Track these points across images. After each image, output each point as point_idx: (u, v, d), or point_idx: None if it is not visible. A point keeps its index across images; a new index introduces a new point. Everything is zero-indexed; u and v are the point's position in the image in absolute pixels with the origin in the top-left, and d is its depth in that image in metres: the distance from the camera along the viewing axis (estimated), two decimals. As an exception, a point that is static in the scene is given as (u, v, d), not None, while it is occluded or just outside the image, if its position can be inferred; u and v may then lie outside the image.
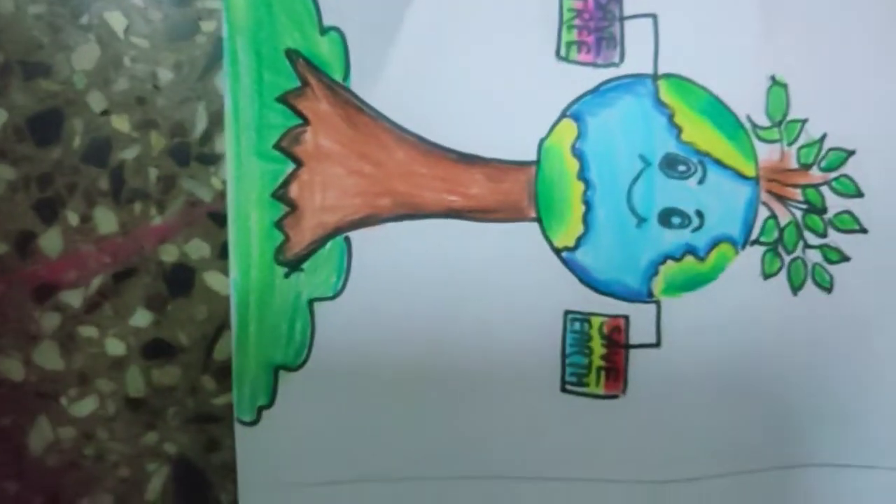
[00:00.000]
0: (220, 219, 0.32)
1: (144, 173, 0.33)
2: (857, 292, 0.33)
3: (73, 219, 0.32)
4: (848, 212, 0.32)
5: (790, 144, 0.32)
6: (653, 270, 0.32)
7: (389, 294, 0.32)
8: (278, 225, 0.32)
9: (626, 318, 0.33)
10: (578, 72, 0.32)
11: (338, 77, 0.32)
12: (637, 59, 0.33)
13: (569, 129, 0.32)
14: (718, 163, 0.32)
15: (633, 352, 0.33)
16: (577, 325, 0.32)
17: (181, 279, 0.33)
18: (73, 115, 0.32)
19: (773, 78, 0.32)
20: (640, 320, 0.33)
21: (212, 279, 0.33)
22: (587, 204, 0.32)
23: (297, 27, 0.32)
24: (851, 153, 0.32)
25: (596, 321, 0.32)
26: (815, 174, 0.33)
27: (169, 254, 0.33)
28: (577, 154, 0.32)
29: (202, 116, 0.33)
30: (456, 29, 0.32)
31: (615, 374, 0.32)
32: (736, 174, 0.32)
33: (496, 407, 0.33)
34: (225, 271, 0.32)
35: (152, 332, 0.33)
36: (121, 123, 0.32)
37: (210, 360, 0.33)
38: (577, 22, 0.32)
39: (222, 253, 0.32)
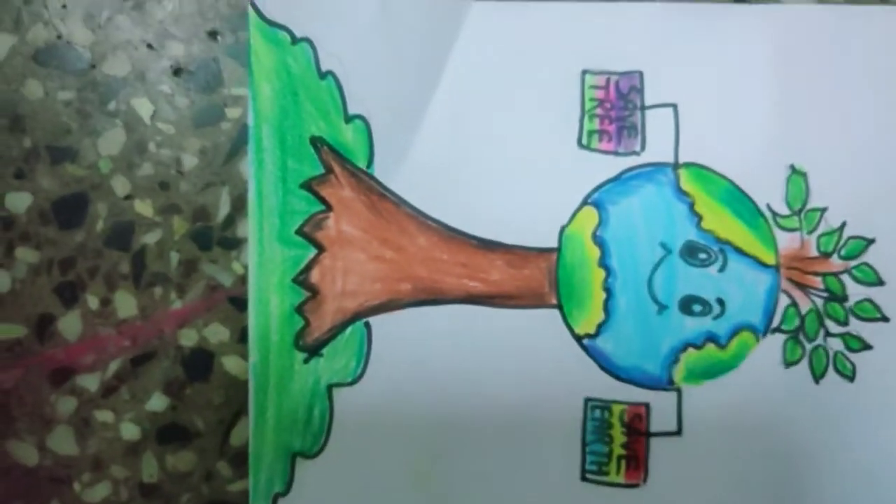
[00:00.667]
0: (240, 303, 0.32)
1: (166, 257, 0.33)
2: (879, 381, 0.32)
3: (93, 302, 0.32)
4: (869, 300, 0.32)
5: (810, 233, 0.32)
6: (674, 358, 0.32)
7: (409, 380, 0.32)
8: (299, 310, 0.32)
9: (647, 405, 0.32)
10: (600, 160, 0.33)
11: (361, 164, 0.32)
12: (658, 148, 0.33)
13: (590, 216, 0.32)
14: (739, 251, 0.32)
15: (654, 440, 0.32)
16: (597, 413, 0.32)
17: (200, 363, 0.32)
18: (97, 200, 0.33)
19: (792, 167, 0.33)
20: (661, 408, 0.32)
21: (230, 363, 0.33)
22: (608, 291, 0.32)
23: (323, 115, 0.32)
24: (871, 241, 0.32)
25: (617, 409, 0.32)
26: (836, 262, 0.32)
27: (188, 338, 0.33)
28: (599, 241, 0.32)
29: (225, 201, 0.33)
30: (478, 117, 0.33)
31: (636, 462, 0.32)
32: (756, 262, 0.32)
33: (516, 495, 0.32)
34: (244, 356, 0.32)
35: (169, 417, 0.32)
36: (144, 208, 0.33)
37: (227, 445, 0.33)
38: (598, 111, 0.33)
39: (242, 337, 0.32)
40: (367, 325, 0.32)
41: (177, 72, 0.33)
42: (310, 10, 0.32)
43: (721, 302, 0.32)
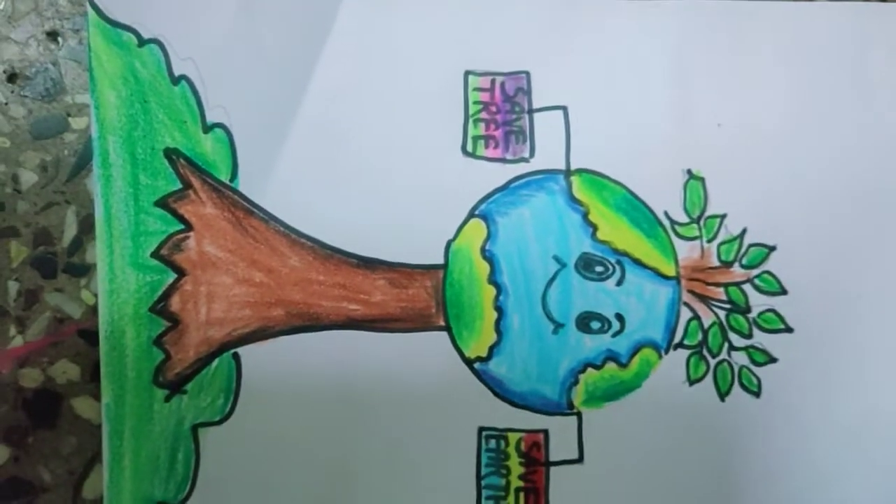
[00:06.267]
0: (91, 337, 0.29)
1: (3, 287, 0.29)
2: (785, 395, 0.31)
3: (-84, 342, 0.28)
4: (772, 310, 0.31)
5: (710, 241, 0.31)
6: (572, 379, 0.30)
7: (284, 416, 0.29)
8: (158, 342, 0.29)
9: (546, 432, 0.30)
10: (487, 168, 0.31)
11: (224, 177, 0.30)
12: (548, 154, 0.31)
13: (478, 229, 0.30)
14: (637, 262, 0.31)
15: (554, 469, 0.30)
16: (492, 443, 0.30)
17: (45, 407, 0.29)
18: (-83, 225, 0.29)
19: (689, 171, 0.31)
20: (561, 434, 0.30)
21: (82, 406, 0.29)
22: (500, 310, 0.30)
23: (178, 125, 0.29)
24: (773, 248, 0.31)
25: (513, 438, 0.30)
26: (737, 271, 0.31)
27: (31, 378, 0.29)
28: (488, 256, 0.30)
29: (71, 223, 0.29)
30: (353, 125, 0.30)
31: (535, 495, 0.30)
32: (656, 274, 0.30)
33: (407, 535, 0.29)
34: (97, 396, 0.29)
35: (10, 470, 0.29)
36: (-25, 232, 0.29)
37: (79, 499, 0.29)
38: (483, 115, 0.31)
39: (94, 376, 0.29)
40: (236, 356, 0.29)
41: (11, 77, 0.30)
42: (158, 9, 0.29)
43: (620, 318, 0.30)
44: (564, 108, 0.31)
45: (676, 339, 0.30)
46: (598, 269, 0.30)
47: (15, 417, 0.29)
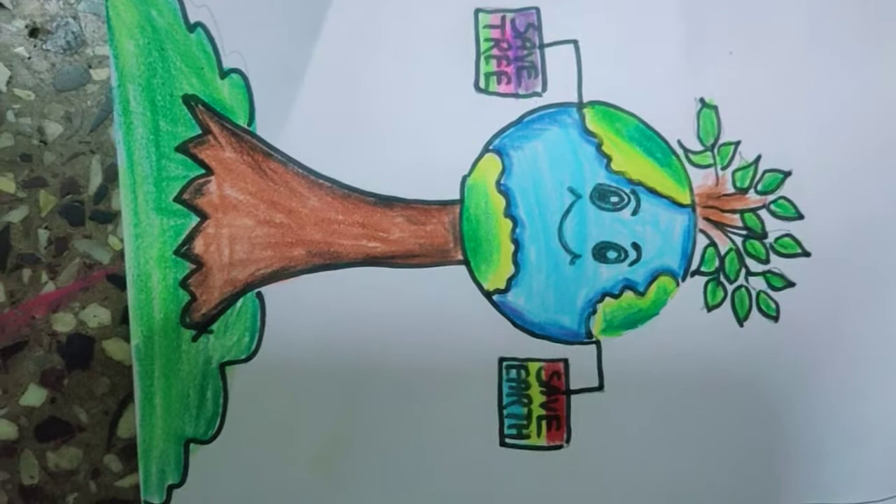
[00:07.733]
0: (120, 282, 0.30)
1: (34, 236, 0.30)
2: (804, 319, 0.31)
3: (-47, 290, 0.29)
4: (789, 235, 0.31)
5: (724, 168, 0.31)
6: (591, 309, 0.30)
7: (308, 352, 0.30)
8: (183, 284, 0.30)
9: (566, 361, 0.30)
10: (500, 104, 0.31)
11: (242, 122, 0.30)
12: (560, 88, 0.31)
13: (493, 164, 0.30)
14: (652, 191, 0.31)
15: (574, 397, 0.30)
16: (513, 373, 0.30)
17: (78, 350, 0.30)
18: (-50, 177, 0.29)
19: (702, 100, 0.31)
20: (581, 363, 0.31)
21: (113, 348, 0.30)
22: (516, 242, 0.30)
23: (195, 72, 0.30)
24: (788, 174, 0.31)
25: (533, 367, 0.30)
26: (753, 198, 0.31)
27: (64, 323, 0.30)
28: (503, 190, 0.30)
29: (97, 171, 0.30)
30: (367, 65, 0.31)
31: (557, 422, 0.30)
32: (671, 202, 0.31)
33: (431, 467, 0.30)
34: (127, 338, 0.29)
35: (48, 411, 0.30)
36: (5, 184, 0.30)
37: (114, 437, 0.30)
38: (495, 52, 0.31)
39: (124, 319, 0.30)
40: (260, 295, 0.30)
41: (33, 32, 0.30)
42: (172, -44, 0.29)
43: (637, 247, 0.30)
44: (575, 42, 0.31)
45: (693, 267, 0.31)
46: (613, 199, 0.30)
47: (50, 360, 0.30)
